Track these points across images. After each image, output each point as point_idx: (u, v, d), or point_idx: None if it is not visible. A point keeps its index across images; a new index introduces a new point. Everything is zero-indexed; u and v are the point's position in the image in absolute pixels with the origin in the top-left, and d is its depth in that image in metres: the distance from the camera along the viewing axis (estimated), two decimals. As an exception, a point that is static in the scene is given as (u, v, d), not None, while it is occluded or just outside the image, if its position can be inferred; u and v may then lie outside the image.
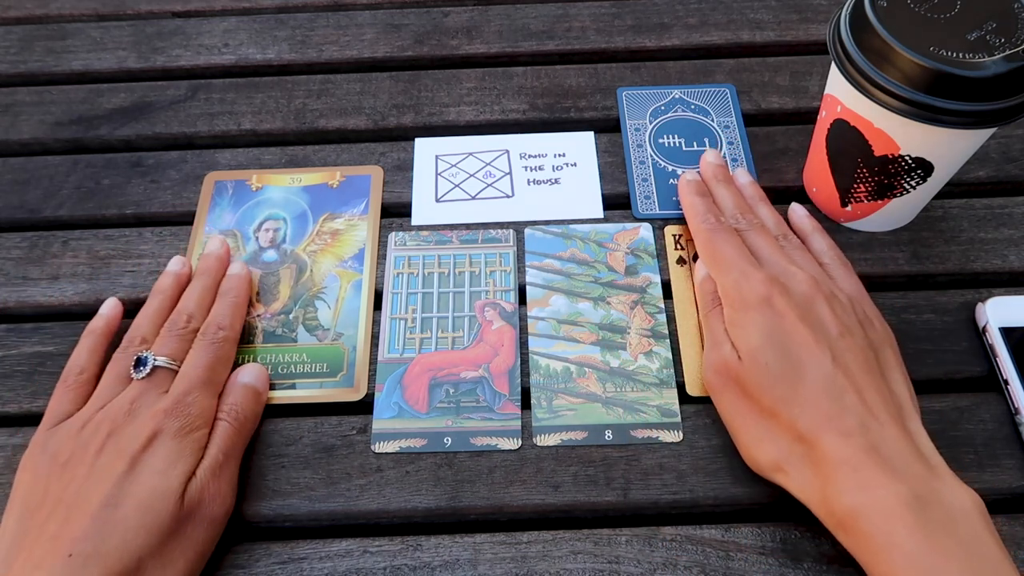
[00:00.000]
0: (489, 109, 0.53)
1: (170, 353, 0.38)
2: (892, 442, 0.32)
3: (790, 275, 0.37)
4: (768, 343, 0.35)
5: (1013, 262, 0.44)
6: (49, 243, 0.47)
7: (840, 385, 0.34)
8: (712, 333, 0.39)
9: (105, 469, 0.33)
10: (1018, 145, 0.49)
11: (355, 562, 0.36)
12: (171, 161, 0.51)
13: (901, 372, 0.36)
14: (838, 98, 0.40)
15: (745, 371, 0.36)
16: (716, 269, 0.40)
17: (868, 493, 0.31)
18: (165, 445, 0.34)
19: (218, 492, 0.35)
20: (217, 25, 0.58)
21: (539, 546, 0.36)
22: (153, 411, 0.36)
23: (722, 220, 0.41)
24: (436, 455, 0.39)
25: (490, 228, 0.47)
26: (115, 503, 0.32)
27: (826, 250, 0.42)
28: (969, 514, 0.30)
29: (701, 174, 0.46)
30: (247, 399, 0.39)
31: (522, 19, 0.58)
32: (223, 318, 0.41)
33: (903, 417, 0.34)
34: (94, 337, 0.40)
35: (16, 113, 0.53)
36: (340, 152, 0.51)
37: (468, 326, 0.43)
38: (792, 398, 0.34)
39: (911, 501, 0.30)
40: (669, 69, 0.54)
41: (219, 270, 0.44)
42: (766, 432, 0.35)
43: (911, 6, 0.36)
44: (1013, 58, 0.34)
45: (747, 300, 0.37)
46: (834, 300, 0.37)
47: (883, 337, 0.37)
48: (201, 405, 0.37)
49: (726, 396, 0.37)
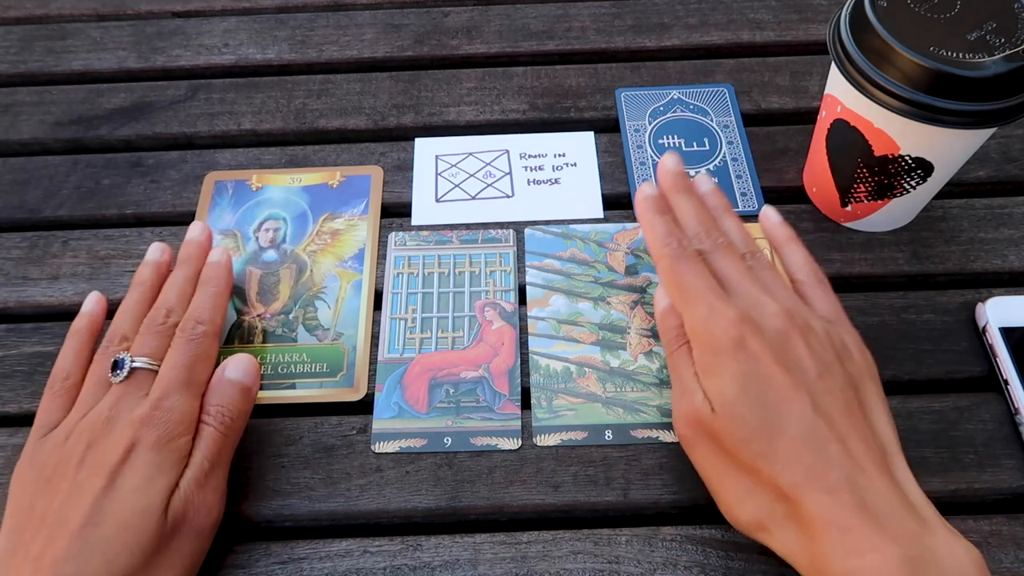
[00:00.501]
0: (489, 109, 0.53)
1: (150, 352, 0.36)
2: (881, 496, 0.30)
3: (761, 308, 0.34)
4: (744, 393, 0.32)
5: (1013, 262, 0.44)
6: (49, 243, 0.47)
7: (822, 435, 0.31)
8: (681, 379, 0.35)
9: (85, 485, 0.32)
10: (1018, 145, 0.49)
11: (355, 562, 0.36)
12: (171, 161, 0.51)
13: (883, 408, 0.34)
14: (838, 98, 0.40)
15: (720, 424, 0.33)
16: (682, 302, 0.36)
17: (859, 559, 0.29)
18: (143, 458, 0.33)
19: (204, 503, 0.34)
20: (217, 25, 0.58)
21: (539, 546, 0.36)
22: (131, 419, 0.34)
23: (684, 244, 0.37)
24: (436, 455, 0.39)
25: (490, 228, 0.47)
26: (95, 522, 0.31)
27: (801, 265, 0.38)
28: (967, 573, 0.28)
29: (660, 184, 0.40)
30: (234, 398, 0.37)
31: (522, 19, 0.58)
32: (202, 311, 0.38)
33: (889, 464, 0.32)
34: (78, 338, 0.38)
35: (16, 113, 0.53)
36: (340, 152, 0.51)
37: (468, 326, 0.43)
38: (772, 453, 0.31)
39: (904, 566, 0.28)
40: (669, 69, 0.54)
41: (200, 257, 0.41)
42: (746, 490, 0.32)
43: (911, 6, 0.36)
44: (1013, 58, 0.34)
45: (718, 342, 0.33)
46: (810, 333, 0.34)
47: (862, 369, 0.34)
48: (181, 410, 0.35)
49: (700, 450, 0.34)
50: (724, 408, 0.33)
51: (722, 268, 0.36)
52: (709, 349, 0.34)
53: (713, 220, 0.39)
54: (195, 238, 0.42)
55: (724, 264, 0.37)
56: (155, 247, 0.42)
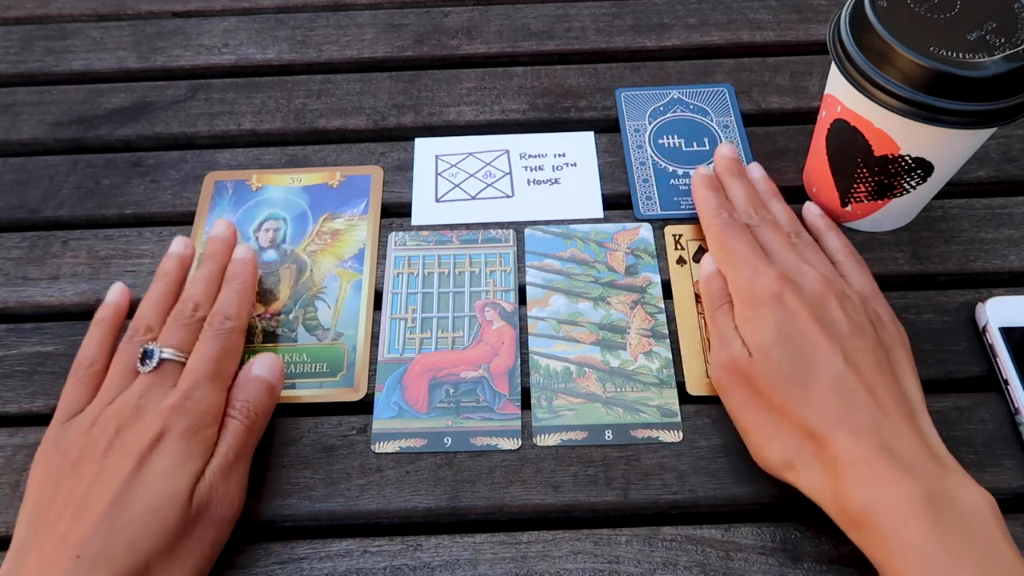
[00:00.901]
0: (489, 109, 0.53)
1: (177, 344, 0.37)
2: (904, 440, 0.32)
3: (801, 272, 0.37)
4: (780, 340, 0.35)
5: (1013, 262, 0.44)
6: (49, 243, 0.47)
7: (851, 383, 0.33)
8: (720, 330, 0.38)
9: (113, 469, 0.33)
10: (1018, 145, 0.49)
11: (355, 562, 0.36)
12: (171, 161, 0.51)
13: (912, 373, 0.36)
14: (838, 98, 0.40)
15: (756, 368, 0.35)
16: (727, 264, 0.39)
17: (881, 491, 0.31)
18: (172, 445, 0.34)
19: (227, 493, 0.35)
20: (217, 25, 0.58)
21: (539, 546, 0.36)
22: (160, 408, 0.35)
23: (735, 216, 0.41)
24: (436, 455, 0.39)
25: (490, 228, 0.47)
26: (123, 504, 0.32)
27: (840, 248, 0.41)
28: (982, 513, 0.30)
29: (715, 167, 0.45)
30: (260, 394, 0.38)
31: (522, 19, 0.58)
32: (229, 307, 0.39)
33: (914, 416, 0.34)
34: (103, 327, 0.39)
35: (16, 113, 0.53)
36: (340, 152, 0.51)
37: (468, 326, 0.43)
38: (803, 396, 0.34)
39: (924, 499, 0.30)
40: (669, 69, 0.54)
41: (225, 254, 0.42)
42: (776, 430, 0.35)
43: (911, 6, 0.36)
44: (1013, 58, 0.34)
45: (759, 296, 0.37)
46: (846, 299, 0.37)
47: (895, 337, 0.37)
48: (209, 401, 0.35)
49: (736, 394, 0.37)
50: (761, 353, 0.35)
51: (767, 240, 0.40)
52: (751, 302, 0.37)
53: (761, 202, 0.43)
54: (220, 234, 0.43)
55: (770, 237, 0.40)
56: (179, 240, 0.43)
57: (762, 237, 0.40)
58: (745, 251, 0.39)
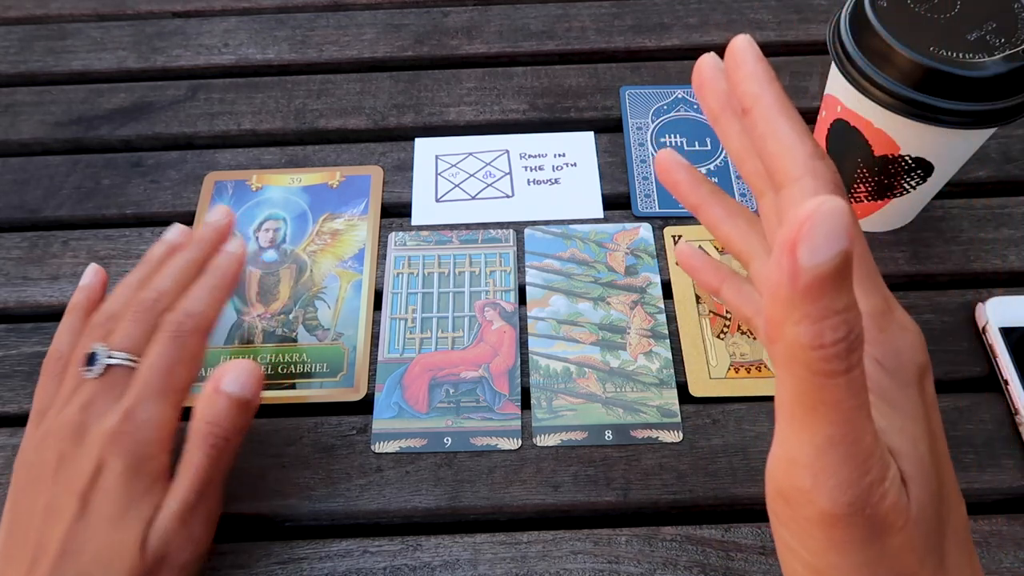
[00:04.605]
0: (489, 109, 0.53)
1: (131, 345, 0.32)
2: None
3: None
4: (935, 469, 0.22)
5: (1013, 262, 0.44)
6: (49, 243, 0.47)
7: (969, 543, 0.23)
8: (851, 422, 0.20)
9: (59, 505, 0.30)
10: (1018, 145, 0.49)
11: (355, 562, 0.36)
12: (171, 161, 0.51)
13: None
14: (838, 98, 0.40)
15: (914, 523, 0.21)
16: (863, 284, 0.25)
17: None
18: (113, 484, 0.30)
19: (189, 539, 0.31)
20: (217, 25, 0.58)
21: (539, 546, 0.36)
22: (100, 431, 0.30)
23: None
24: (436, 455, 0.39)
25: (490, 228, 0.47)
26: (73, 551, 0.29)
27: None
28: None
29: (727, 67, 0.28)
30: (230, 414, 0.32)
31: (522, 19, 0.58)
32: (195, 303, 0.33)
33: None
34: (75, 315, 0.35)
35: (16, 113, 0.53)
36: (340, 152, 0.51)
37: (468, 326, 0.43)
38: (940, 565, 0.22)
39: None
40: (669, 69, 0.54)
41: (213, 242, 0.37)
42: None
43: (911, 6, 0.36)
44: (1013, 58, 0.34)
45: (907, 371, 0.23)
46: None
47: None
48: (155, 423, 0.31)
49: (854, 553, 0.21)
50: (929, 493, 0.22)
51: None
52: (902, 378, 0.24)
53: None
54: (215, 221, 0.37)
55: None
56: (176, 227, 0.38)
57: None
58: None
